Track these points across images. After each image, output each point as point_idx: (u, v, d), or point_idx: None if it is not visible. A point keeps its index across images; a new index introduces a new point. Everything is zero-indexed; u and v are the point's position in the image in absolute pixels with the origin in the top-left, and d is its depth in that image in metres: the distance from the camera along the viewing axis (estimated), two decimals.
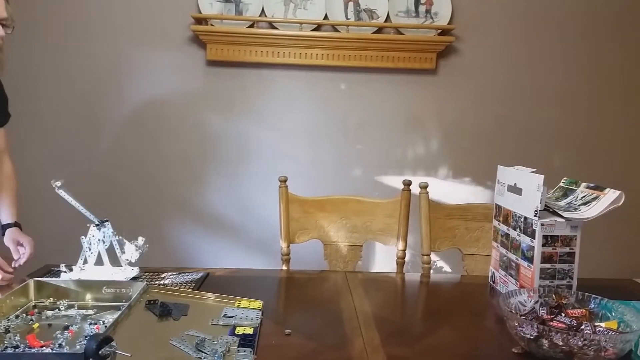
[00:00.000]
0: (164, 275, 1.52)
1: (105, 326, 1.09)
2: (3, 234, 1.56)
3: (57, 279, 1.37)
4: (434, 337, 1.17)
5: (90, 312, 1.21)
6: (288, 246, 1.88)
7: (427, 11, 2.53)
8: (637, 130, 2.75)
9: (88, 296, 1.28)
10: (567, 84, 2.69)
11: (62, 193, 1.50)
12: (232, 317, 1.18)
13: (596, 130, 2.73)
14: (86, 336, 1.06)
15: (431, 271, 1.85)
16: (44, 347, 1.00)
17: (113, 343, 0.90)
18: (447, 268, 2.67)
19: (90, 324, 1.14)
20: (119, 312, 1.13)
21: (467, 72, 2.65)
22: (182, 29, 2.51)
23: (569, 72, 2.68)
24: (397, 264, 1.89)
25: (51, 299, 1.26)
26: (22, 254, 1.50)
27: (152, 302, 1.21)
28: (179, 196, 2.65)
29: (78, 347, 1.01)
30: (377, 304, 1.37)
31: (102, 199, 2.53)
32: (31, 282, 1.27)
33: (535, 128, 2.70)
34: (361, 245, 1.93)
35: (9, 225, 1.56)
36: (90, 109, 2.57)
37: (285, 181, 1.92)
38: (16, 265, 1.47)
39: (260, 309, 1.24)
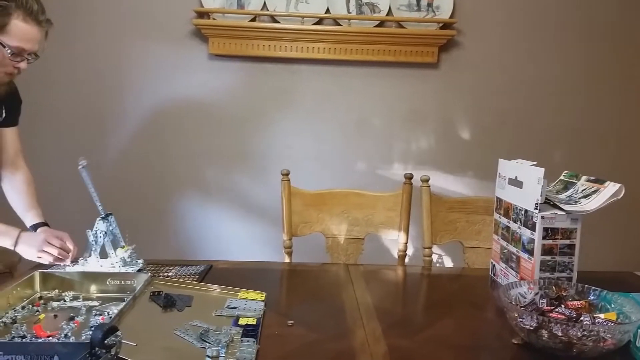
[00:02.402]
0: (167, 267, 1.54)
1: (110, 317, 1.11)
2: None
3: (63, 270, 1.38)
4: (435, 328, 1.19)
5: (95, 303, 1.23)
6: (290, 239, 1.90)
7: (429, 5, 2.53)
8: (636, 123, 2.75)
9: (93, 288, 1.30)
10: (568, 78, 2.69)
11: (84, 174, 1.52)
12: (235, 308, 1.19)
13: (596, 124, 2.73)
14: (92, 327, 1.08)
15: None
16: (51, 337, 1.01)
17: (118, 333, 0.91)
18: (448, 261, 2.69)
19: (96, 314, 1.15)
20: (124, 303, 1.14)
21: (469, 66, 2.65)
22: (183, 23, 2.52)
23: (570, 66, 2.68)
24: (398, 256, 1.91)
25: (56, 290, 1.28)
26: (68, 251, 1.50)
27: (156, 293, 1.22)
28: (182, 189, 2.67)
29: (84, 337, 1.02)
30: (378, 296, 1.39)
31: (105, 192, 2.53)
32: (37, 274, 1.28)
33: (537, 121, 2.70)
34: (363, 238, 1.94)
35: (39, 225, 1.56)
36: (93, 104, 2.58)
37: (287, 175, 1.93)
38: (69, 263, 1.48)
39: (263, 300, 1.25)
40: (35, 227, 1.55)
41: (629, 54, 2.70)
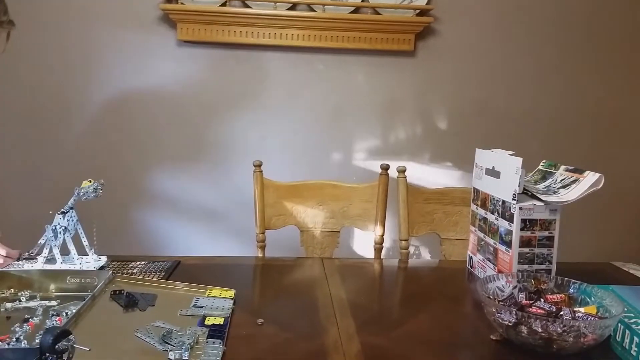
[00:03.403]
0: (132, 264, 1.47)
1: (69, 318, 1.04)
2: None
3: (19, 269, 1.30)
4: (411, 324, 1.14)
5: (54, 303, 1.15)
6: (263, 232, 1.84)
7: None
8: (615, 112, 2.75)
9: (52, 286, 1.22)
10: (546, 66, 2.67)
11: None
12: (202, 307, 1.13)
13: (575, 113, 2.72)
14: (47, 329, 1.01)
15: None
16: (0, 342, 0.94)
17: (71, 337, 0.85)
18: (425, 253, 2.66)
19: (52, 315, 1.08)
20: (82, 303, 1.07)
21: (446, 54, 2.61)
22: (151, 8, 2.41)
23: (548, 54, 2.66)
24: (374, 249, 1.86)
25: (12, 289, 1.20)
26: None
27: (117, 292, 1.16)
28: (150, 181, 2.58)
29: (37, 341, 0.95)
30: (353, 291, 1.34)
31: (71, 183, 2.44)
32: None
33: (514, 111, 2.68)
34: (338, 231, 1.89)
35: None
36: (59, 93, 2.48)
37: (259, 166, 1.86)
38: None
39: (232, 298, 1.19)
40: None
41: (608, 40, 2.69)
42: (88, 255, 1.44)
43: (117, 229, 2.51)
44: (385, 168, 1.87)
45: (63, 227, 1.42)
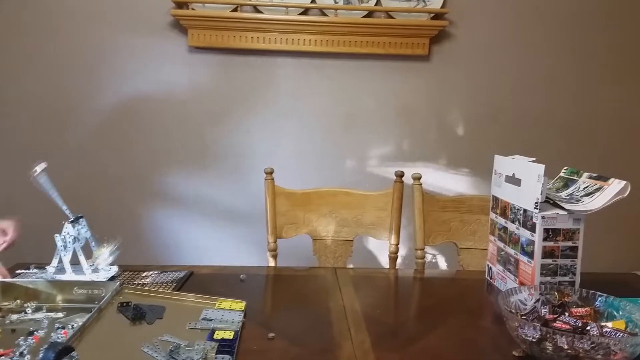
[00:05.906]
0: (144, 274, 1.43)
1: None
2: None
3: (24, 279, 1.28)
4: (429, 340, 1.09)
5: (60, 315, 1.13)
6: (275, 241, 1.80)
7: None
8: (634, 116, 2.67)
9: (59, 298, 1.19)
10: (562, 71, 2.61)
11: (42, 180, 1.42)
12: (211, 320, 1.09)
13: (593, 118, 2.65)
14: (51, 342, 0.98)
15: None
16: (2, 357, 0.91)
17: (74, 353, 0.82)
18: (442, 262, 2.60)
19: (58, 328, 1.05)
20: (87, 316, 1.04)
21: (461, 58, 2.56)
22: (162, 14, 2.40)
23: (565, 59, 2.60)
24: (389, 259, 1.81)
25: (18, 301, 1.17)
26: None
27: (124, 304, 1.12)
28: (162, 190, 2.56)
29: (41, 356, 0.92)
30: (368, 303, 1.29)
31: (80, 192, 2.42)
32: None
33: (531, 115, 2.62)
34: (352, 240, 1.85)
35: None
36: (69, 99, 2.47)
37: (271, 173, 1.83)
38: None
39: (242, 310, 1.15)
40: None
41: (624, 43, 2.62)
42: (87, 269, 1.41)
43: (128, 236, 2.48)
44: (400, 175, 1.82)
45: (72, 237, 1.39)
